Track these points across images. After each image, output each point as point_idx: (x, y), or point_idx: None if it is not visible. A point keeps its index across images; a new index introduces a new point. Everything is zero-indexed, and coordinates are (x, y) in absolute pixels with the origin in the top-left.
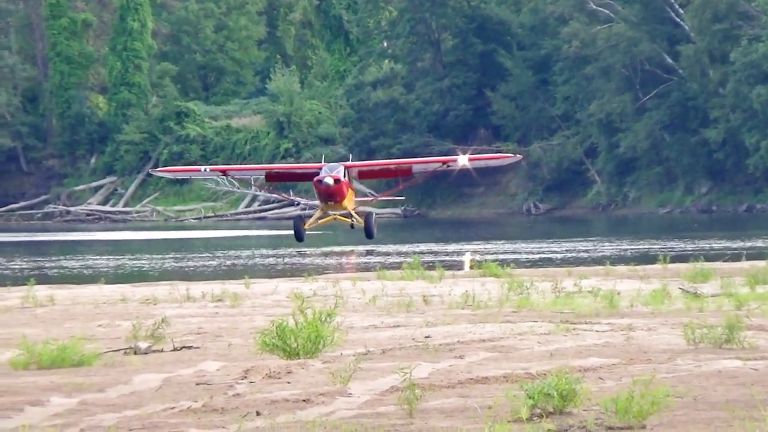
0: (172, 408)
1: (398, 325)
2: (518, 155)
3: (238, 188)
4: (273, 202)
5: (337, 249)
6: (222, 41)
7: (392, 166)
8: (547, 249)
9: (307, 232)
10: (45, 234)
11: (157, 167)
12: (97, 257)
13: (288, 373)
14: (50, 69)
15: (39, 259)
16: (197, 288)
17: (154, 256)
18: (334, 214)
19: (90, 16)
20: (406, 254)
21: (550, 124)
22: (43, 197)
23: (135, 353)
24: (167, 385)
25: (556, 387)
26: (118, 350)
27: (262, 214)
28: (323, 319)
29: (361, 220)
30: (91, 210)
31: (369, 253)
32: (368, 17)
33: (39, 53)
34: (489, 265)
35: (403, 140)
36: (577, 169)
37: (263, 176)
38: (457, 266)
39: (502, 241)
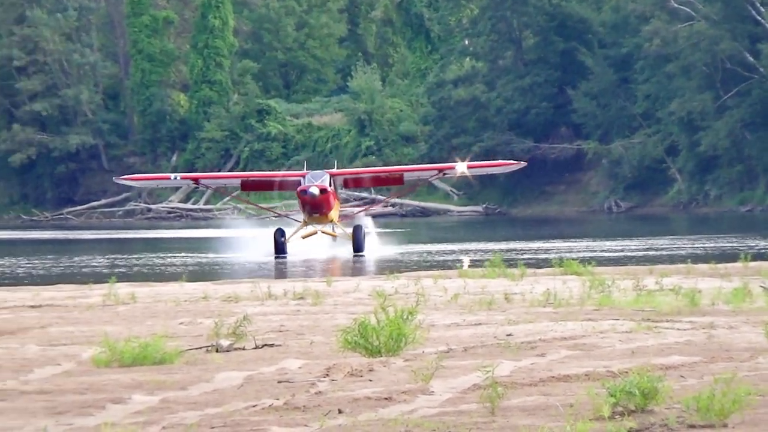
0: (254, 406)
1: (480, 323)
2: (522, 162)
3: None
4: (354, 200)
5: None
6: (303, 39)
7: (382, 175)
8: (627, 247)
9: (289, 246)
10: (126, 232)
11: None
12: (178, 255)
13: (370, 371)
14: (131, 66)
15: (120, 256)
16: (279, 286)
17: (233, 253)
18: (319, 228)
19: (171, 13)
20: (487, 252)
21: (631, 122)
22: (124, 195)
23: (217, 351)
24: (249, 383)
25: (637, 385)
26: (200, 348)
27: (344, 213)
28: (405, 317)
29: (348, 233)
30: (172, 208)
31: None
32: (449, 15)
33: (120, 51)
34: (570, 263)
35: (484, 138)
36: (658, 167)
37: (238, 185)
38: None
39: (583, 239)
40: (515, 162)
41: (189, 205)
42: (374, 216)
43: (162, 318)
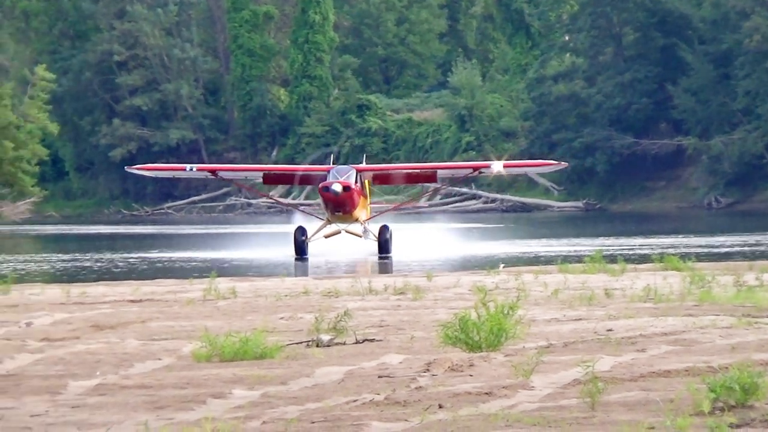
0: (355, 401)
1: (580, 318)
2: (562, 162)
3: None
4: (454, 195)
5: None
6: (403, 34)
7: (414, 171)
8: (728, 243)
9: (310, 246)
10: (226, 226)
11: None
12: (277, 249)
13: (470, 366)
14: (232, 61)
15: (220, 251)
16: (379, 281)
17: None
18: (343, 227)
19: (271, 8)
20: (587, 247)
21: (731, 118)
22: (224, 190)
23: (317, 346)
24: (349, 378)
25: (738, 380)
26: (301, 343)
27: (444, 208)
28: (505, 312)
29: (375, 234)
30: (272, 202)
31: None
32: (549, 11)
33: (220, 46)
34: (671, 259)
35: (584, 134)
36: (759, 164)
37: (260, 178)
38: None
39: (683, 235)
40: (554, 162)
41: (289, 200)
42: (468, 212)
43: (262, 313)
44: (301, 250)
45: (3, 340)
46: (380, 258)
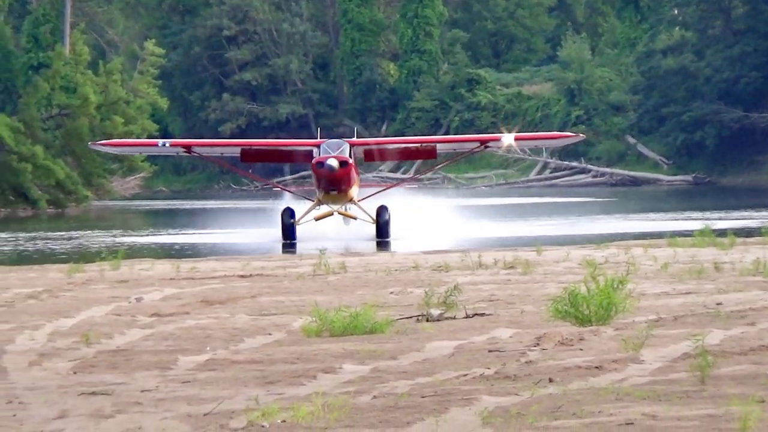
0: (465, 375)
1: (689, 292)
2: (580, 134)
3: (529, 155)
4: (564, 169)
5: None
6: (513, 8)
7: (412, 146)
8: None
9: (299, 228)
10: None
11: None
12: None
13: (580, 340)
14: (341, 36)
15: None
16: (489, 255)
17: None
18: (335, 208)
19: None
20: (697, 221)
21: None
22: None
23: (427, 320)
24: (459, 352)
25: None
26: (411, 317)
27: (553, 182)
28: (615, 286)
29: (372, 217)
30: (383, 177)
31: None
32: None
33: (330, 20)
34: None
35: (693, 108)
36: None
37: (238, 154)
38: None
39: None
40: (570, 134)
41: (399, 175)
42: (576, 186)
43: (372, 287)
44: (289, 233)
45: (113, 315)
46: (379, 242)
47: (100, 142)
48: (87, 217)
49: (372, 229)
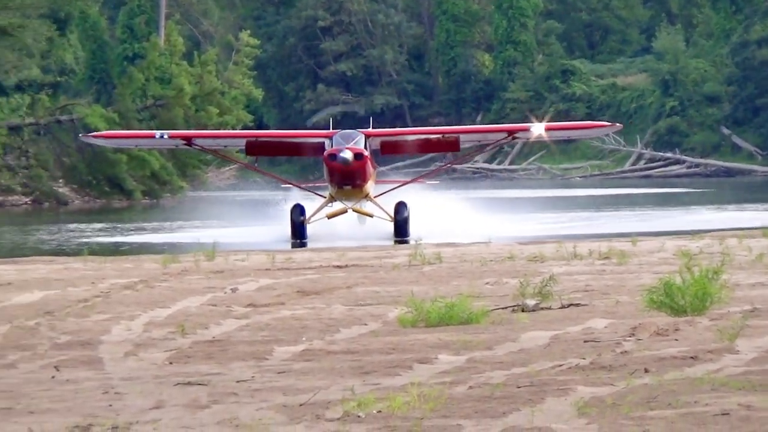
0: (560, 365)
1: None
2: (617, 124)
3: (624, 146)
4: (658, 160)
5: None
6: (607, 0)
7: (432, 137)
8: None
9: (310, 227)
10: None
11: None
12: (481, 215)
13: (675, 330)
14: (436, 27)
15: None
16: (584, 246)
17: (542, 214)
18: (350, 205)
19: None
20: None
21: None
22: (429, 155)
23: (523, 311)
24: (555, 343)
25: None
26: (506, 308)
27: (648, 173)
28: (710, 276)
29: (390, 214)
30: (478, 168)
31: None
32: None
33: (425, 11)
34: None
35: None
36: None
37: (243, 147)
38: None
39: None
40: (606, 123)
41: (494, 166)
42: (670, 177)
43: (468, 278)
44: (299, 232)
45: (209, 306)
46: (397, 241)
47: (92, 134)
48: (181, 209)
49: (390, 227)
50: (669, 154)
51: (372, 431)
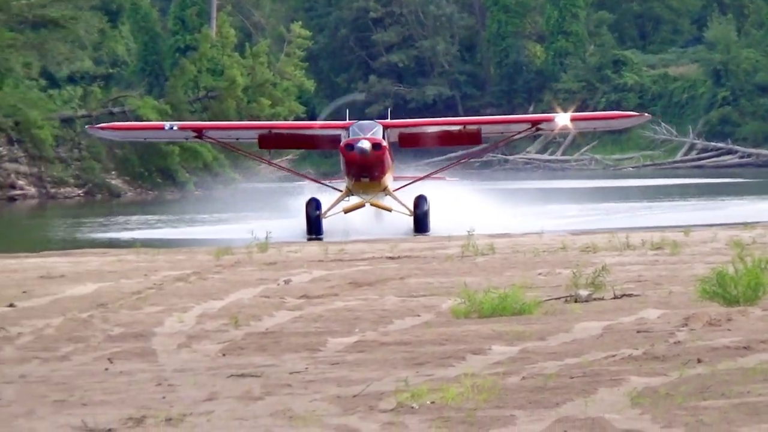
0: (613, 356)
1: None
2: (645, 114)
3: (676, 136)
4: (710, 150)
5: None
6: None
7: (453, 129)
8: None
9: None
10: (483, 183)
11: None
12: (533, 206)
13: (728, 320)
14: (487, 18)
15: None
16: (636, 236)
17: (588, 205)
18: (367, 199)
19: None
20: None
21: None
22: (482, 145)
23: (575, 301)
24: (608, 333)
25: None
26: (559, 298)
27: (700, 163)
28: (763, 266)
29: (409, 208)
30: (530, 158)
31: None
32: None
33: (476, 2)
34: None
35: None
36: None
37: (254, 139)
38: None
39: None
40: (635, 113)
41: (546, 156)
42: (723, 167)
43: (520, 268)
44: (315, 227)
45: (262, 297)
46: (417, 235)
47: (98, 125)
48: (233, 199)
49: (409, 222)
50: (721, 144)
51: (425, 422)
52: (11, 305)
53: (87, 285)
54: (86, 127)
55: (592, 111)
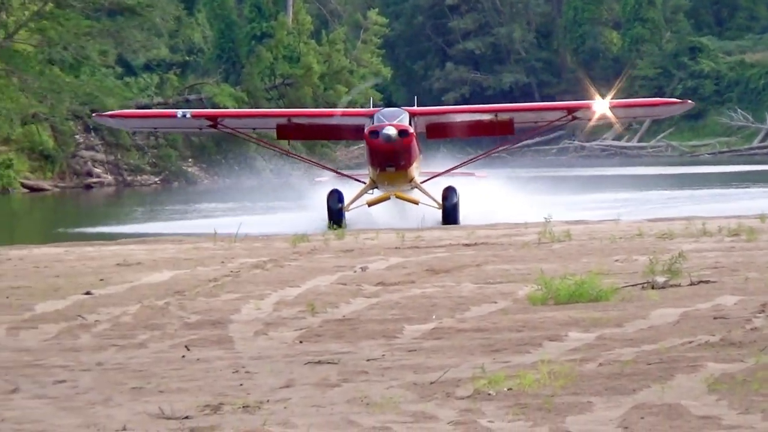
0: (690, 342)
1: None
2: (688, 102)
3: (752, 123)
4: None
5: None
6: None
7: (485, 117)
8: None
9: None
10: (559, 170)
11: None
12: (608, 192)
13: None
14: (564, 4)
15: (551, 194)
16: (713, 223)
17: (667, 191)
18: (392, 191)
19: None
20: None
21: None
22: (558, 133)
23: (652, 288)
24: (684, 320)
25: None
26: (635, 285)
27: None
28: None
29: (438, 201)
30: (606, 145)
31: None
32: None
33: None
34: None
35: None
36: None
37: (272, 129)
38: None
39: None
40: (677, 100)
41: (623, 143)
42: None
43: (597, 255)
44: (337, 220)
45: (339, 284)
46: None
47: (106, 113)
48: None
49: (437, 215)
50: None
51: (502, 409)
52: (88, 293)
53: (163, 272)
54: (93, 115)
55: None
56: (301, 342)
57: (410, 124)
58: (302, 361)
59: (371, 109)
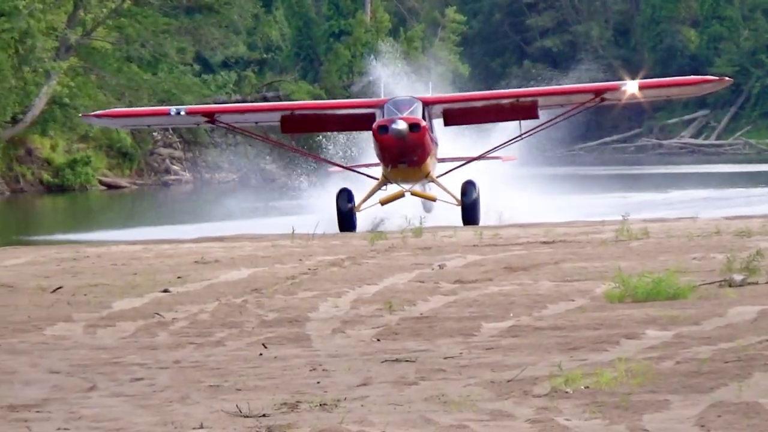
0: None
1: None
2: (725, 78)
3: None
4: None
5: None
6: None
7: (505, 102)
8: None
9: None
10: (637, 167)
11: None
12: (688, 190)
13: None
14: (642, 2)
15: (629, 193)
16: None
17: (745, 189)
18: (407, 188)
19: None
20: None
21: None
22: (635, 130)
23: (730, 285)
24: (762, 317)
25: None
26: (713, 283)
27: None
28: None
29: (456, 197)
30: (684, 143)
31: None
32: None
33: None
34: None
35: None
36: None
37: (277, 122)
38: None
39: None
40: (712, 77)
41: (700, 141)
42: None
43: (674, 253)
44: (347, 222)
45: (416, 282)
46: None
47: (94, 113)
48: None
49: (456, 212)
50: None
51: (579, 407)
52: (166, 290)
53: (241, 270)
54: (80, 115)
55: (746, 96)
56: (378, 340)
57: (423, 114)
58: (379, 359)
59: (381, 98)
